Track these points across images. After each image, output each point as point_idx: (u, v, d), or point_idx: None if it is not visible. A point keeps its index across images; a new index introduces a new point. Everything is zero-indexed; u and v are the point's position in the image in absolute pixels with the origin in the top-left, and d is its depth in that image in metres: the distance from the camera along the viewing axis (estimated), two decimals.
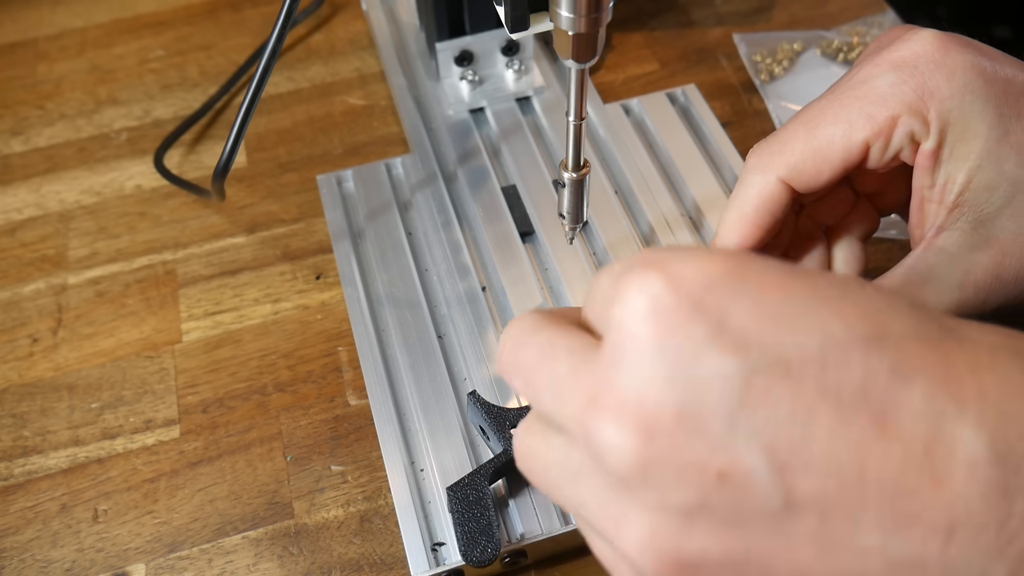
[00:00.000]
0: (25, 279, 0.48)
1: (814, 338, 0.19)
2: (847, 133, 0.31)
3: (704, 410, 0.19)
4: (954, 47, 0.31)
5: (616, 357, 0.21)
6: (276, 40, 0.37)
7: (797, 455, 0.19)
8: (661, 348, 0.20)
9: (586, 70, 0.32)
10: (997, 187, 0.30)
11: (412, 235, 0.46)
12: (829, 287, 0.20)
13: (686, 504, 0.20)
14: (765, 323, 0.19)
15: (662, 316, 0.20)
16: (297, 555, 0.37)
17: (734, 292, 0.20)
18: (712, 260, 0.21)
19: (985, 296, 0.31)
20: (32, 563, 0.38)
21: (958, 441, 0.19)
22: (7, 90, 0.58)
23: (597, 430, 0.20)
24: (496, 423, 0.36)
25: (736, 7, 0.60)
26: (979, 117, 0.30)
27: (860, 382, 0.19)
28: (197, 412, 0.42)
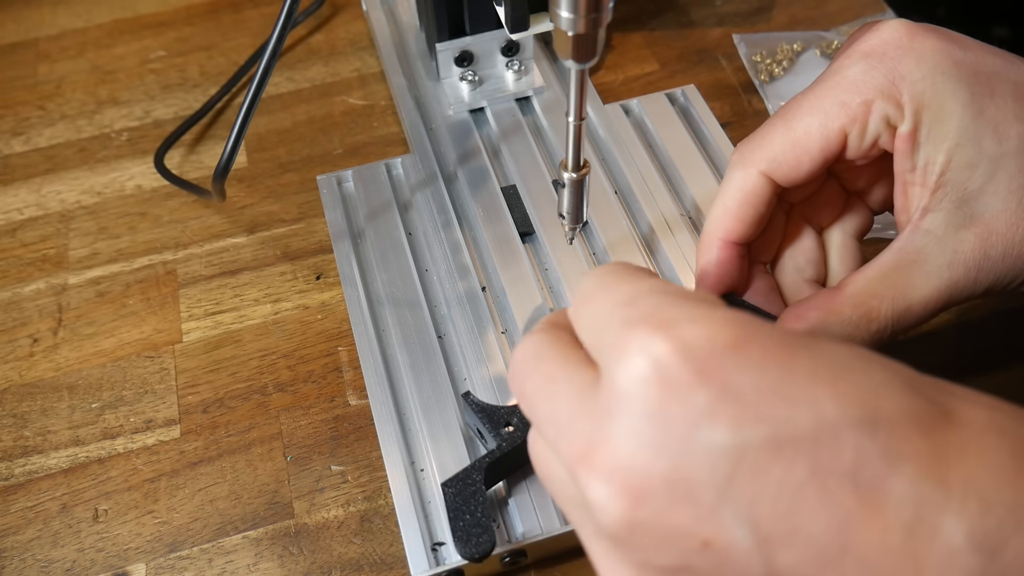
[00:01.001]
0: (26, 279, 0.48)
1: (809, 417, 0.19)
2: (823, 122, 0.32)
3: (695, 480, 0.20)
4: (921, 33, 0.31)
5: (612, 413, 0.21)
6: (276, 40, 0.37)
7: (781, 528, 0.19)
8: (659, 415, 0.20)
9: (586, 70, 0.32)
10: (977, 165, 0.31)
11: (412, 235, 0.46)
12: (829, 364, 0.20)
13: (670, 566, 0.20)
14: (763, 399, 0.20)
15: (664, 383, 0.20)
16: (297, 555, 0.37)
17: (737, 365, 0.20)
18: (720, 328, 0.21)
19: (975, 275, 0.31)
20: (33, 563, 0.38)
21: (941, 528, 0.19)
22: (8, 90, 0.58)
23: (588, 486, 0.21)
24: (490, 421, 0.36)
25: (736, 7, 0.60)
26: (952, 97, 0.30)
27: (851, 463, 0.19)
28: (197, 412, 0.42)
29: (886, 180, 0.35)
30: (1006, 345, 0.43)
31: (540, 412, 0.24)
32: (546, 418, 0.23)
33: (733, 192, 0.34)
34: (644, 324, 0.21)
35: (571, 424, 0.22)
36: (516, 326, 0.42)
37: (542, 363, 0.25)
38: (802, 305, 0.34)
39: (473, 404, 0.37)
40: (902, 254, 0.32)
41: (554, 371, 0.24)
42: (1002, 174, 0.30)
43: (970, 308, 0.44)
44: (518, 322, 0.42)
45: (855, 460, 0.19)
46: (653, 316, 0.21)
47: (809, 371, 0.20)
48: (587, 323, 0.24)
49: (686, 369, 0.20)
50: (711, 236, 0.35)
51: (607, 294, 0.24)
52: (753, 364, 0.20)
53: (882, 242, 0.46)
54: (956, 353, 0.42)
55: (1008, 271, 0.31)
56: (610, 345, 0.22)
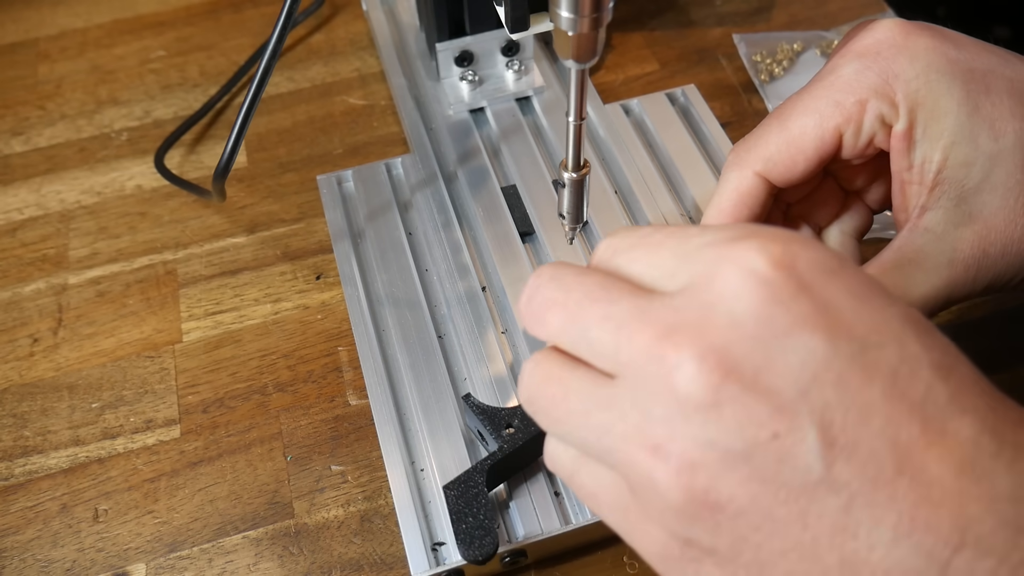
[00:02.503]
0: (26, 279, 0.48)
1: (895, 348, 0.21)
2: (818, 122, 0.32)
3: (783, 374, 0.20)
4: (915, 31, 0.31)
5: (710, 305, 0.21)
6: (276, 40, 0.37)
7: (847, 437, 0.20)
8: (761, 314, 0.21)
9: (586, 70, 0.32)
10: (974, 162, 0.31)
11: (412, 235, 0.46)
12: (917, 317, 0.22)
13: (735, 450, 0.20)
14: (859, 321, 0.21)
15: (769, 289, 0.21)
16: (297, 555, 0.37)
17: (838, 288, 0.21)
18: (826, 254, 0.22)
19: (975, 273, 0.31)
20: (33, 563, 0.38)
21: (990, 473, 0.20)
22: (8, 90, 0.58)
23: (675, 356, 0.21)
24: (491, 423, 0.36)
25: (736, 7, 0.60)
26: (947, 94, 0.31)
27: (921, 396, 0.20)
28: (197, 412, 0.42)
29: (884, 179, 0.35)
30: (1006, 345, 0.43)
31: (593, 311, 0.23)
32: (600, 316, 0.23)
33: (728, 192, 0.34)
34: (747, 238, 0.22)
35: (643, 314, 0.22)
36: (516, 326, 0.42)
37: (589, 277, 0.24)
38: None
39: (474, 406, 0.37)
40: (901, 253, 0.32)
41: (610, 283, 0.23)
42: (999, 171, 0.30)
43: (970, 308, 0.44)
44: (519, 322, 0.42)
45: (926, 395, 0.20)
46: (755, 232, 0.22)
47: (901, 315, 0.21)
48: (652, 262, 0.23)
49: (791, 282, 0.21)
50: None
51: (670, 238, 0.23)
52: (853, 292, 0.21)
53: (882, 242, 0.46)
54: None
55: (1007, 268, 0.31)
56: (706, 257, 0.22)
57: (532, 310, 0.25)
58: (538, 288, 0.24)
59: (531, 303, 0.25)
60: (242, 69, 0.57)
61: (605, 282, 0.23)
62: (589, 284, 0.24)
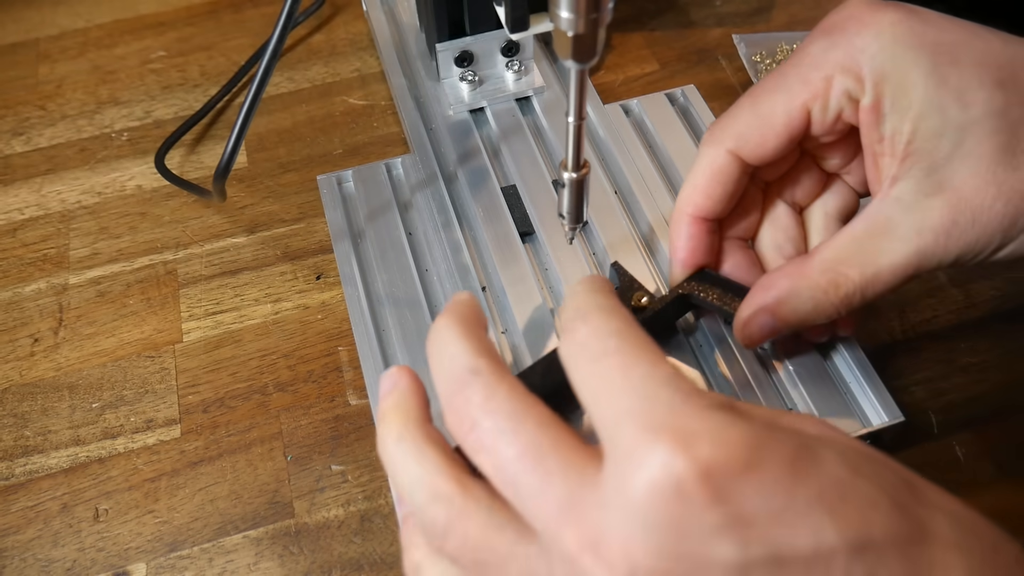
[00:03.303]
0: (26, 279, 0.48)
1: (808, 541, 0.21)
2: (786, 100, 0.33)
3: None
4: (880, 7, 0.32)
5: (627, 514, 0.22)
6: (277, 40, 0.38)
7: None
8: (674, 527, 0.21)
9: (586, 70, 0.32)
10: (943, 133, 0.31)
11: (412, 235, 0.46)
12: (832, 485, 0.22)
13: None
14: (770, 522, 0.21)
15: (682, 500, 0.21)
16: (297, 554, 0.37)
17: (749, 488, 0.21)
18: (737, 448, 0.21)
19: (944, 242, 0.31)
20: (33, 562, 0.38)
21: None
22: (8, 90, 0.58)
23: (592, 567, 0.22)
24: None
25: (736, 7, 0.60)
26: (913, 67, 0.31)
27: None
28: (198, 412, 0.42)
29: (862, 160, 0.36)
30: (1006, 345, 0.43)
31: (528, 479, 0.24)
32: (535, 491, 0.23)
33: (702, 169, 0.35)
34: (665, 436, 0.22)
35: (574, 510, 0.23)
36: (516, 326, 0.42)
37: (521, 425, 0.24)
38: (773, 274, 0.34)
39: None
40: (871, 221, 0.32)
41: (543, 444, 0.24)
42: (970, 140, 0.31)
43: (970, 308, 0.44)
44: (518, 322, 0.42)
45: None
46: (673, 427, 0.22)
47: (814, 496, 0.21)
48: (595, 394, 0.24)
49: (704, 491, 0.21)
50: (681, 212, 0.36)
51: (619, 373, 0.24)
52: (764, 488, 0.21)
53: None
54: (956, 353, 0.42)
55: (978, 238, 0.31)
56: (626, 446, 0.22)
57: (467, 444, 0.25)
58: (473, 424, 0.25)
59: (466, 433, 0.25)
60: (243, 69, 0.57)
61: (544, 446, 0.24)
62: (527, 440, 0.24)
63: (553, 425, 0.24)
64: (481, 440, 0.25)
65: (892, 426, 0.38)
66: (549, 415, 0.25)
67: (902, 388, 0.41)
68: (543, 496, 0.23)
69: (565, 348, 0.26)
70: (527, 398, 0.25)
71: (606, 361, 0.24)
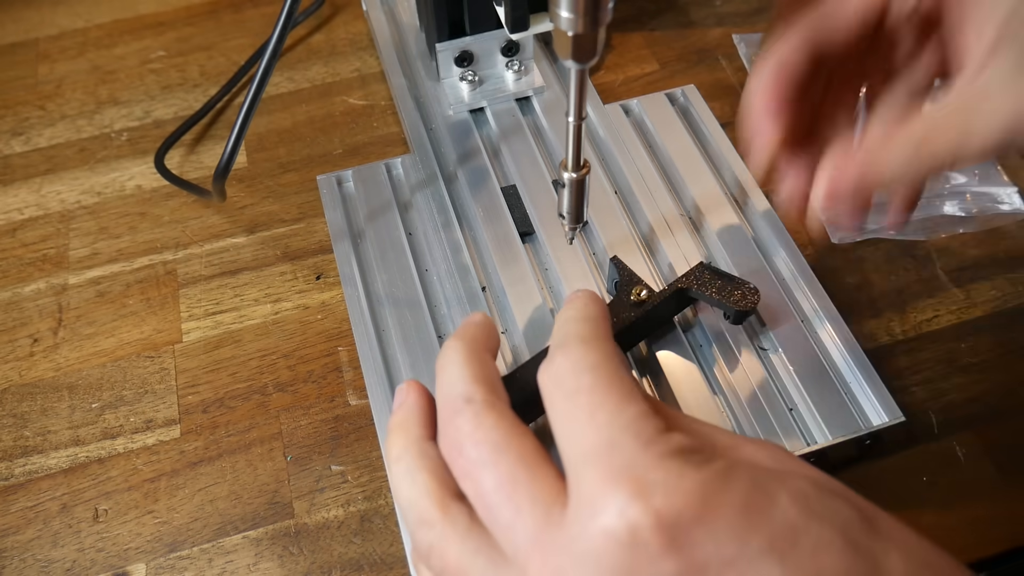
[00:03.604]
0: (26, 279, 0.48)
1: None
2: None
3: None
4: None
5: (583, 559, 0.23)
6: (277, 40, 0.37)
7: None
8: (625, 571, 0.22)
9: (586, 70, 0.32)
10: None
11: (412, 235, 0.46)
12: (783, 531, 0.22)
13: None
14: (723, 566, 0.22)
15: (637, 548, 0.22)
16: (297, 555, 0.37)
17: (701, 537, 0.22)
18: (692, 498, 0.22)
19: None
20: (33, 563, 0.38)
21: None
22: (8, 90, 0.58)
23: None
24: None
25: (736, 7, 0.60)
26: None
27: None
28: (197, 412, 0.42)
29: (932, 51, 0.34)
30: (1006, 345, 0.43)
31: (503, 510, 0.25)
32: (508, 521, 0.25)
33: (773, 56, 0.33)
34: (623, 484, 0.23)
35: (539, 545, 0.24)
36: (516, 326, 0.42)
37: (502, 457, 0.26)
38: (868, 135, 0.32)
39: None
40: (965, 93, 0.30)
41: (519, 478, 0.25)
42: None
43: (970, 308, 0.44)
44: (518, 322, 0.42)
45: None
46: (631, 476, 0.23)
47: (766, 543, 0.22)
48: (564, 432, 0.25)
49: (658, 539, 0.22)
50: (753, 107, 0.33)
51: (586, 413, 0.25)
52: (716, 536, 0.22)
53: (881, 242, 0.46)
54: (956, 353, 0.42)
55: None
56: (587, 491, 0.24)
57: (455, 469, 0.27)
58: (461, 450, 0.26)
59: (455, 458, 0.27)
60: (242, 69, 0.57)
61: (516, 477, 0.25)
62: (504, 470, 0.25)
63: (533, 458, 0.26)
64: (466, 468, 0.26)
65: (892, 426, 0.38)
66: (531, 447, 0.26)
67: (902, 388, 0.41)
68: (514, 527, 0.25)
69: (543, 378, 0.27)
70: (513, 429, 0.26)
71: (577, 399, 0.25)
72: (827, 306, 0.42)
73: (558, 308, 0.43)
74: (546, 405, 0.27)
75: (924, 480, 0.38)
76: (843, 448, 0.38)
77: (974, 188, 0.48)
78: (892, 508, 0.38)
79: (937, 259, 0.46)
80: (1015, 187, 0.48)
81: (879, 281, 0.45)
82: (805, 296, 0.42)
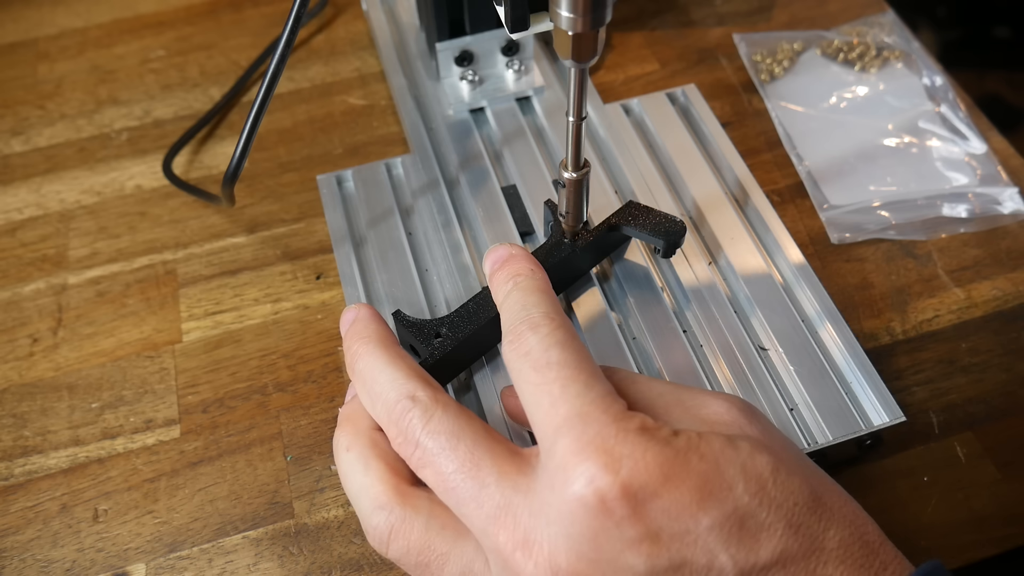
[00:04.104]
0: (25, 279, 0.48)
1: (704, 560, 0.24)
2: None
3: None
4: None
5: (553, 521, 0.25)
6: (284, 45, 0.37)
7: None
8: (596, 537, 0.24)
9: (586, 69, 0.32)
10: None
11: (412, 235, 0.46)
12: (735, 514, 0.25)
13: None
14: (676, 538, 0.24)
15: (605, 514, 0.24)
16: (297, 555, 0.37)
17: (662, 507, 0.24)
18: (655, 468, 0.25)
19: None
20: (32, 563, 0.38)
21: None
22: (7, 90, 0.58)
23: (524, 566, 0.25)
24: (420, 334, 0.37)
25: (736, 7, 0.60)
26: None
27: None
28: (197, 412, 0.42)
29: None
30: (1007, 345, 0.43)
31: (466, 488, 0.27)
32: (473, 497, 0.27)
33: None
34: (594, 455, 0.25)
35: (508, 514, 0.26)
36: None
37: (460, 442, 0.27)
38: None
39: (404, 320, 0.38)
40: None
41: (479, 457, 0.27)
42: None
43: (970, 308, 0.44)
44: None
45: None
46: (601, 447, 0.25)
47: (715, 523, 0.24)
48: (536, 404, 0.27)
49: (622, 506, 0.24)
50: None
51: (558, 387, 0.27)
52: (672, 510, 0.24)
53: (882, 243, 0.46)
54: (957, 353, 0.42)
55: None
56: (559, 459, 0.25)
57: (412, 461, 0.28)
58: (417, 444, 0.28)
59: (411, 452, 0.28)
60: (246, 73, 0.57)
61: (476, 457, 0.27)
62: (463, 452, 0.27)
63: (487, 438, 0.28)
64: (423, 458, 0.28)
65: (893, 426, 0.38)
66: (483, 429, 0.28)
67: (903, 388, 0.41)
68: (480, 501, 0.26)
69: (511, 353, 0.28)
70: (462, 415, 0.28)
71: (548, 373, 0.27)
72: (827, 306, 0.42)
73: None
74: (515, 380, 0.28)
75: (924, 480, 0.38)
76: (843, 448, 0.38)
77: (975, 189, 0.48)
78: (892, 508, 0.38)
79: (938, 259, 0.46)
80: (1016, 187, 0.48)
81: (879, 281, 0.45)
82: (805, 296, 0.42)
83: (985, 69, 1.05)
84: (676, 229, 0.40)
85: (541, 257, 0.40)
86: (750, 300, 0.42)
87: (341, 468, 0.30)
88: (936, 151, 0.50)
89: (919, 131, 0.51)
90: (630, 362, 0.39)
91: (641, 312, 0.41)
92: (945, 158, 0.50)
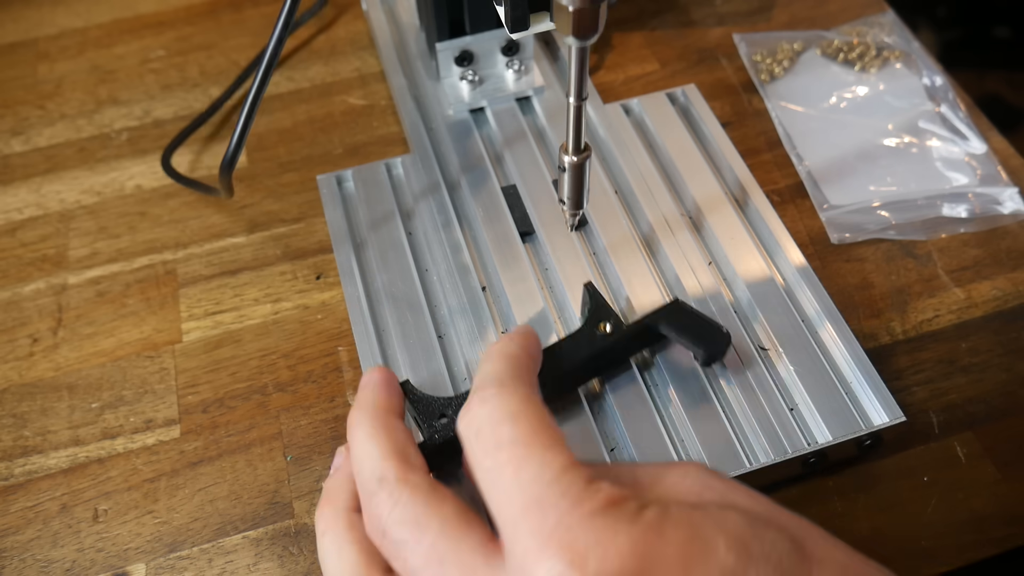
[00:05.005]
0: (25, 279, 0.48)
1: None
2: None
3: None
4: None
5: None
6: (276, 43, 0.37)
7: None
8: None
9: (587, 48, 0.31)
10: None
11: (412, 235, 0.46)
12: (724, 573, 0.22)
13: None
14: None
15: None
16: (297, 555, 0.37)
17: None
18: (623, 561, 0.22)
19: None
20: (32, 563, 0.38)
21: None
22: (7, 90, 0.58)
23: None
24: (424, 412, 0.35)
25: (736, 7, 0.60)
26: None
27: None
28: (197, 412, 0.42)
29: None
30: (1007, 345, 0.43)
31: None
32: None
33: None
34: (556, 549, 0.23)
35: None
36: (516, 326, 0.42)
37: (424, 534, 0.26)
38: None
39: (410, 395, 0.35)
40: None
41: (444, 550, 0.25)
42: None
43: (970, 308, 0.44)
44: (518, 322, 0.42)
45: None
46: (563, 539, 0.23)
47: None
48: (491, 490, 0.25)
49: None
50: None
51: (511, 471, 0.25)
52: None
53: (882, 243, 0.46)
54: (957, 353, 0.42)
55: None
56: (520, 556, 0.23)
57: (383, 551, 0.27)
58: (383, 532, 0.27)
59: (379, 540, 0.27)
60: (246, 71, 0.57)
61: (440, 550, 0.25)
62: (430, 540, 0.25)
63: (456, 527, 0.26)
64: (392, 550, 0.26)
65: (893, 426, 0.38)
66: (454, 514, 0.26)
67: (903, 388, 0.41)
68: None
69: (461, 425, 0.27)
70: (430, 499, 0.26)
71: (499, 455, 0.25)
72: (827, 306, 0.42)
73: (559, 308, 0.43)
74: (467, 456, 0.26)
75: (924, 480, 0.38)
76: (843, 448, 0.38)
77: (975, 189, 0.48)
78: (892, 508, 0.38)
79: (938, 259, 0.46)
80: (1016, 187, 0.48)
81: (879, 281, 0.45)
82: (805, 296, 0.42)
83: (985, 69, 1.05)
84: (719, 340, 0.38)
85: (572, 347, 0.37)
86: (750, 300, 0.42)
87: (319, 549, 0.30)
88: (936, 151, 0.50)
89: (919, 131, 0.51)
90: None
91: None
92: (945, 158, 0.50)
